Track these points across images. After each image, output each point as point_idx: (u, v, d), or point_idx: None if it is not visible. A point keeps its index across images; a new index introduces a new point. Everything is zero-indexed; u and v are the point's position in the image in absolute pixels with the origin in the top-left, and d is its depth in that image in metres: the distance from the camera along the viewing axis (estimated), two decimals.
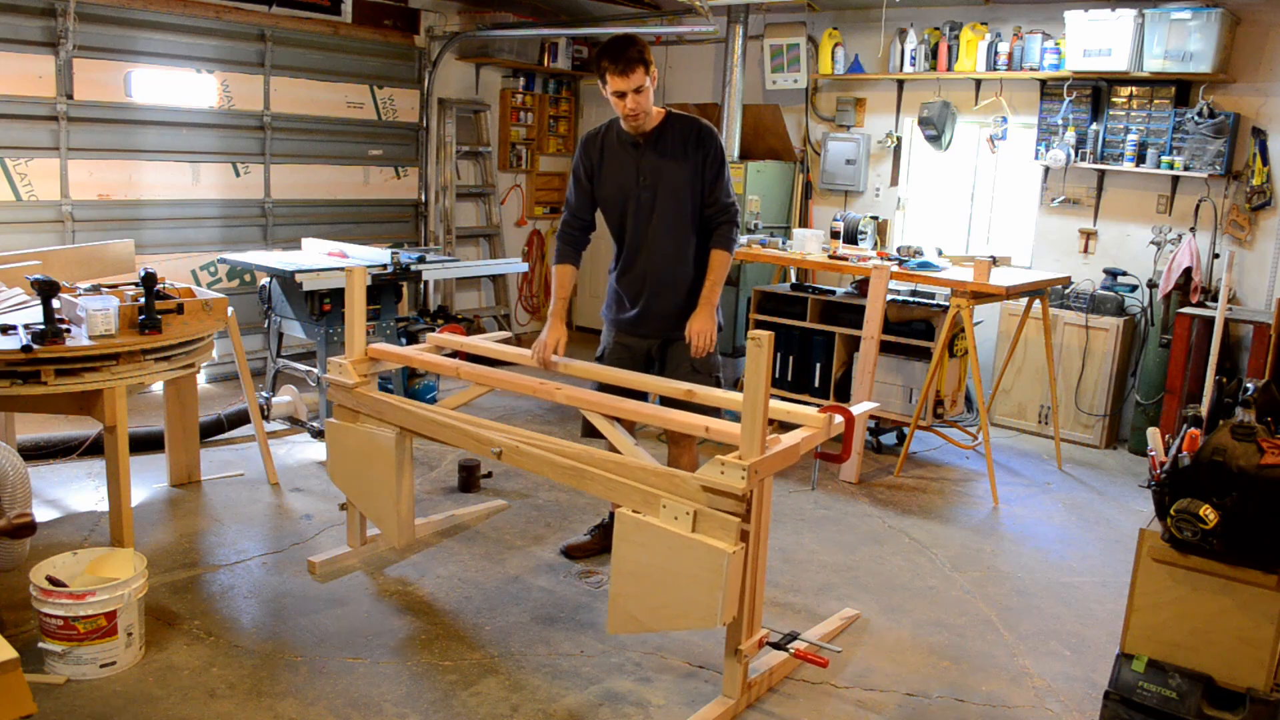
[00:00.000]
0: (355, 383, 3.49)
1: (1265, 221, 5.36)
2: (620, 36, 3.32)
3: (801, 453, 2.78)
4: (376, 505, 3.52)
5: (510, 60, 7.66)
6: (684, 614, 2.69)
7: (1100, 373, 5.68)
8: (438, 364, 3.53)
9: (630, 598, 2.78)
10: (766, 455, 2.60)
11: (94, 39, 5.43)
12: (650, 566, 2.72)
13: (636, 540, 2.73)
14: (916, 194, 6.72)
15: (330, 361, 3.58)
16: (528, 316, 8.40)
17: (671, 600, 2.70)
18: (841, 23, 6.67)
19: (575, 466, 2.91)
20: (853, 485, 4.87)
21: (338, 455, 3.62)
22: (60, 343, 3.16)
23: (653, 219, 3.45)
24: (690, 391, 3.14)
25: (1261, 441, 2.37)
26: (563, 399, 3.15)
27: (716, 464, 2.58)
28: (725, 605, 2.60)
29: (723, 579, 2.57)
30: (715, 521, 2.61)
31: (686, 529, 2.65)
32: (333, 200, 6.79)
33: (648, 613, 2.77)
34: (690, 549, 2.63)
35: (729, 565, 2.56)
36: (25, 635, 2.97)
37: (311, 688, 2.85)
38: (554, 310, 3.56)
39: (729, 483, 2.55)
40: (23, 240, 5.21)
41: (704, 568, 2.60)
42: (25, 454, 4.31)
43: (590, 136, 3.56)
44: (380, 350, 3.61)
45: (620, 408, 3.08)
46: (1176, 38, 5.16)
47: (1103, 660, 3.18)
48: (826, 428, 2.87)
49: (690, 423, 2.93)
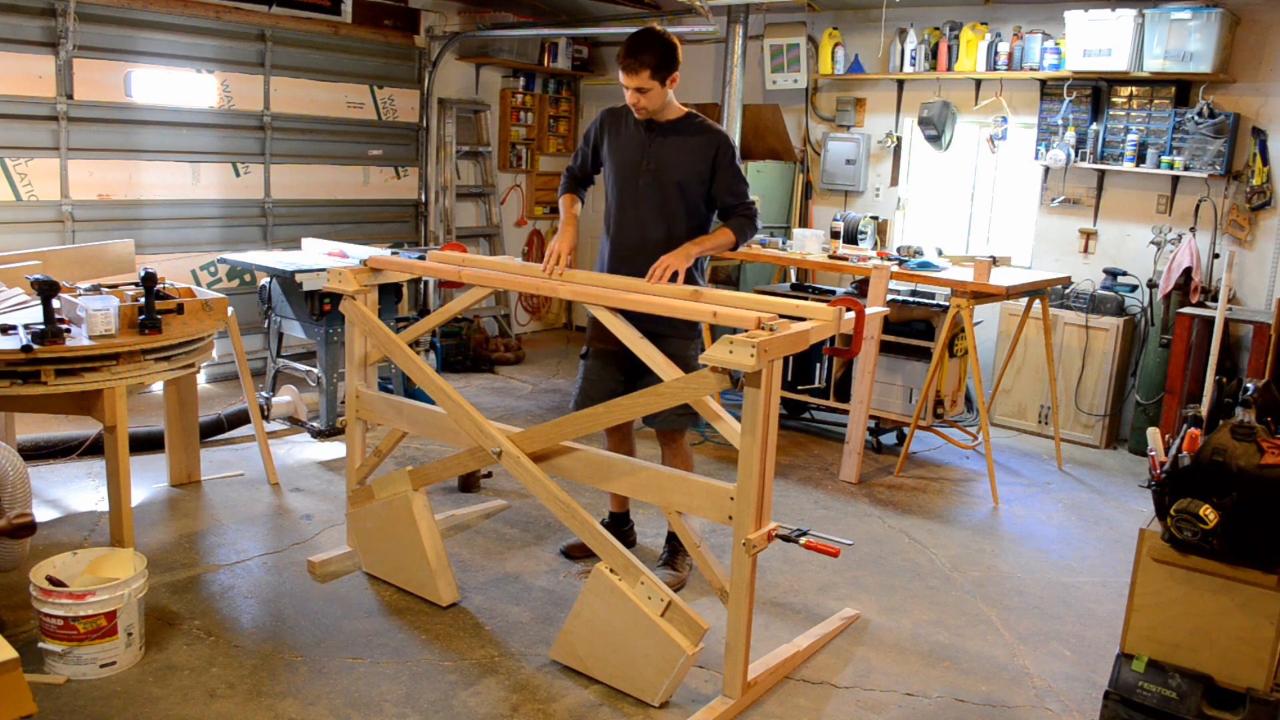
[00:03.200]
0: (355, 290, 3.43)
1: (1265, 221, 5.36)
2: (645, 31, 3.30)
3: (810, 341, 2.71)
4: (414, 573, 3.40)
5: (510, 60, 7.66)
6: (626, 679, 2.84)
7: (1100, 373, 5.68)
8: (440, 270, 3.43)
9: (580, 640, 2.92)
10: (775, 335, 2.56)
11: (94, 39, 5.43)
12: (610, 626, 2.84)
13: (606, 599, 2.85)
14: (916, 194, 6.72)
15: (330, 270, 3.50)
16: (528, 317, 8.40)
17: (618, 661, 2.83)
18: (841, 23, 6.67)
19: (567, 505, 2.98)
20: (853, 485, 4.87)
21: (365, 543, 3.55)
22: (60, 343, 3.16)
23: (650, 203, 3.46)
24: (697, 292, 3.03)
25: (1261, 441, 2.37)
26: (567, 294, 3.14)
27: (725, 343, 2.51)
28: (667, 689, 2.76)
29: (674, 671, 2.72)
30: (684, 618, 2.72)
31: (656, 613, 2.75)
32: (333, 200, 6.79)
33: (592, 659, 2.91)
34: (653, 632, 2.75)
35: (684, 663, 2.70)
36: (25, 635, 2.97)
37: (311, 688, 2.85)
38: (564, 221, 3.51)
39: (738, 360, 2.49)
40: (23, 240, 5.21)
41: (661, 655, 2.74)
42: (25, 454, 4.31)
43: (613, 109, 3.57)
44: (381, 260, 3.56)
45: (624, 298, 3.02)
46: (1176, 38, 5.16)
47: (1103, 660, 3.18)
48: (836, 321, 2.80)
49: (696, 310, 2.86)
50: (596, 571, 2.85)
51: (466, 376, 6.69)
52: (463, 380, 6.53)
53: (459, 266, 3.39)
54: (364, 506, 3.52)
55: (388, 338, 3.42)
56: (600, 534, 2.91)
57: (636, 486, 2.89)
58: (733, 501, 2.67)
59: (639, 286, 3.15)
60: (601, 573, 2.84)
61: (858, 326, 2.87)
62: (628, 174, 3.48)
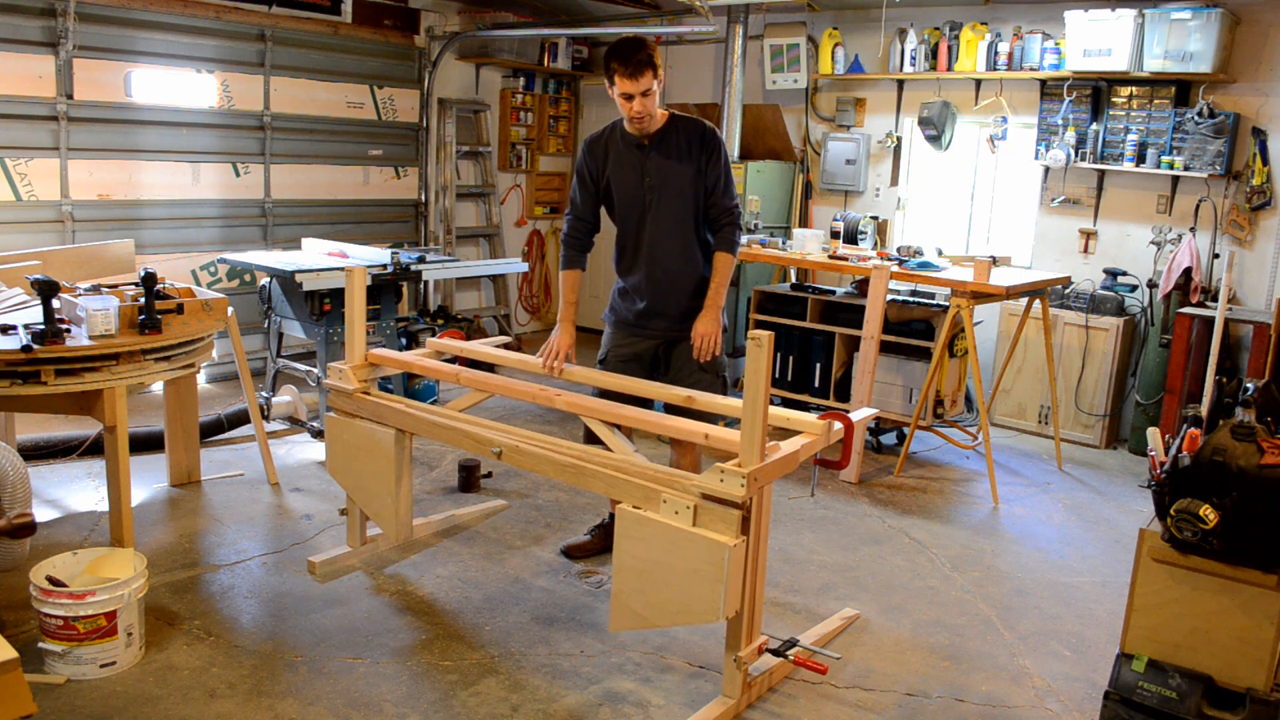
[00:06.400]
0: (355, 388, 3.50)
1: (1265, 221, 5.36)
2: (630, 38, 3.32)
3: (800, 460, 2.79)
4: (375, 502, 3.52)
5: (510, 60, 7.66)
6: (686, 609, 2.68)
7: (1100, 373, 5.68)
8: (438, 370, 3.53)
9: (632, 594, 2.78)
10: (765, 463, 2.60)
11: (94, 39, 5.43)
12: (651, 562, 2.71)
13: (637, 536, 2.73)
14: (916, 194, 6.72)
15: (330, 367, 3.59)
16: (528, 316, 8.40)
17: (673, 595, 2.69)
18: (841, 23, 6.67)
19: (576, 464, 2.91)
20: (853, 485, 4.87)
21: (337, 450, 3.62)
22: (60, 343, 3.16)
23: (658, 220, 3.47)
24: (690, 398, 3.14)
25: (1261, 441, 2.37)
26: (563, 405, 3.16)
27: (716, 472, 2.57)
28: (728, 598, 2.59)
29: (724, 572, 2.57)
30: (716, 515, 2.61)
31: (687, 523, 2.64)
32: (333, 200, 6.79)
33: (650, 608, 2.76)
34: (691, 543, 2.63)
35: (730, 558, 2.56)
36: (25, 635, 2.97)
37: (311, 688, 2.85)
38: (563, 315, 3.58)
39: (729, 490, 2.55)
40: (23, 240, 5.21)
41: (706, 561, 2.60)
42: (25, 454, 4.31)
43: (594, 139, 3.56)
44: (380, 356, 3.61)
45: (620, 414, 3.07)
46: (1176, 38, 5.16)
47: (1103, 660, 3.18)
48: (826, 435, 2.88)
49: (689, 429, 2.94)
50: (620, 512, 2.76)
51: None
52: None
53: (457, 369, 3.52)
54: (347, 419, 3.54)
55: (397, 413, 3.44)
56: (614, 477, 2.83)
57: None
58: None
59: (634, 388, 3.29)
60: (625, 511, 2.75)
61: (846, 439, 2.95)
62: (632, 198, 3.50)
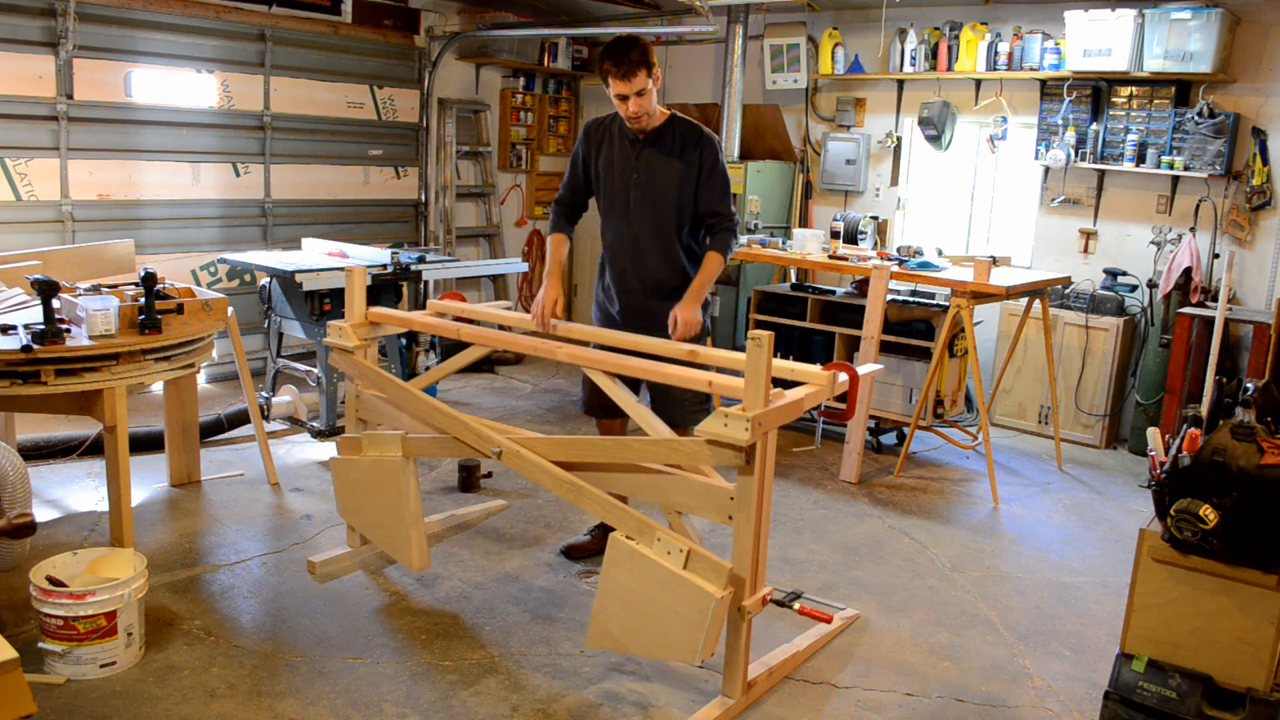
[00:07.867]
0: (355, 345, 3.46)
1: (1265, 221, 5.36)
2: (623, 38, 3.31)
3: (805, 408, 2.74)
4: (390, 535, 3.44)
5: (510, 60, 7.66)
6: (663, 645, 2.75)
7: (1100, 373, 5.68)
8: (439, 326, 3.49)
9: (612, 618, 2.83)
10: (770, 408, 2.58)
11: (94, 39, 5.43)
12: (637, 594, 2.76)
13: (627, 567, 2.77)
14: (916, 194, 6.72)
15: (330, 325, 3.53)
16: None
17: (653, 629, 2.75)
18: (841, 23, 6.67)
19: (574, 484, 2.94)
20: (853, 485, 4.87)
21: (345, 490, 3.57)
22: (60, 343, 3.16)
23: (642, 216, 3.46)
24: (693, 351, 3.09)
25: (1261, 441, 2.37)
26: (564, 357, 3.14)
27: (720, 416, 2.54)
28: (706, 644, 2.64)
29: (707, 621, 2.62)
30: (706, 564, 2.65)
31: (678, 565, 2.68)
32: (333, 200, 6.79)
33: (628, 635, 2.81)
34: (680, 586, 2.67)
35: (715, 609, 2.60)
36: (25, 635, 2.97)
37: (311, 688, 2.85)
38: (549, 271, 3.54)
39: (732, 434, 2.52)
40: (23, 240, 5.21)
41: (691, 607, 2.65)
42: (25, 454, 4.31)
43: (594, 124, 3.57)
44: (381, 314, 3.57)
45: (622, 364, 3.03)
46: (1176, 38, 5.16)
47: (1103, 660, 3.18)
48: (830, 385, 2.81)
49: (693, 377, 2.88)
50: (613, 541, 2.78)
51: (466, 376, 6.68)
52: (462, 380, 6.52)
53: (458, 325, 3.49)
54: (352, 458, 3.51)
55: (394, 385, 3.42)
56: (611, 502, 2.85)
57: (636, 486, 2.89)
58: (732, 501, 2.67)
59: (635, 344, 3.23)
60: (618, 541, 2.77)
61: (852, 390, 2.90)
62: (617, 188, 3.49)
